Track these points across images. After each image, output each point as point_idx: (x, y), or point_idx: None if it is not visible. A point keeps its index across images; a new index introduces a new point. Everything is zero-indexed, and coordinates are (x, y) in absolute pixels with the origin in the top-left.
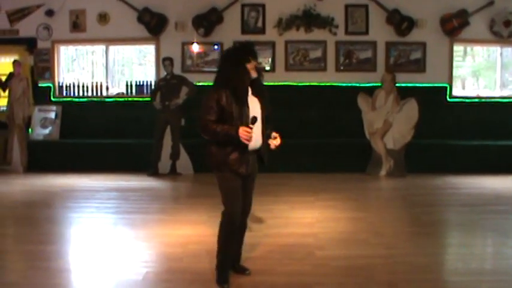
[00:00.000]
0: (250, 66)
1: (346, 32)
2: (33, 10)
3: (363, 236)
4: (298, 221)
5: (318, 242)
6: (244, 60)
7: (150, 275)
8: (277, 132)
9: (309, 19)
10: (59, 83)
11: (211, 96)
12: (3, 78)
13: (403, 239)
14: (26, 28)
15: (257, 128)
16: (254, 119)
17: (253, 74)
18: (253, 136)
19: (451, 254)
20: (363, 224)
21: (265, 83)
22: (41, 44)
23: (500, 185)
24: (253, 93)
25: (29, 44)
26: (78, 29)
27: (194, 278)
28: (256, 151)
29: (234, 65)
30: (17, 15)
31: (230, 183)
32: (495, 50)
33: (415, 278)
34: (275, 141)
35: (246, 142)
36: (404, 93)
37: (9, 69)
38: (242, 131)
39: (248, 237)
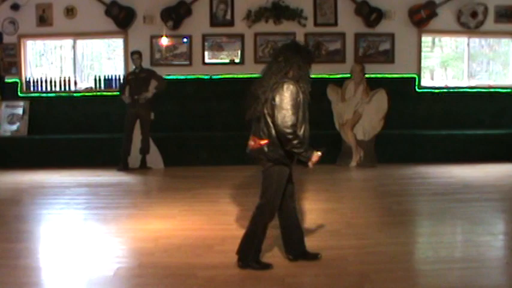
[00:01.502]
0: None
1: (315, 24)
2: None
3: (335, 227)
4: None
5: None
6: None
7: (121, 271)
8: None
9: (278, 11)
10: (26, 78)
11: (296, 91)
12: None
13: (375, 229)
14: None
15: None
16: (324, 149)
17: None
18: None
19: (421, 242)
20: (335, 215)
21: (234, 76)
22: (7, 39)
23: (468, 174)
24: None
25: None
26: (45, 23)
27: (165, 273)
28: None
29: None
30: None
31: (283, 179)
32: (463, 41)
33: (386, 267)
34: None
35: (310, 166)
36: (373, 84)
37: None
38: (316, 156)
39: (219, 231)
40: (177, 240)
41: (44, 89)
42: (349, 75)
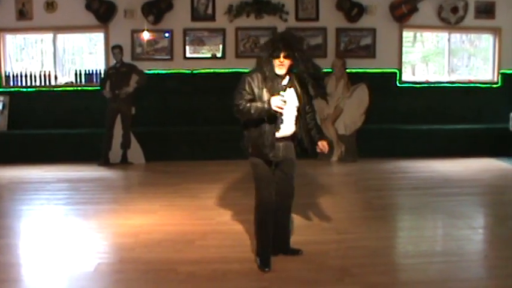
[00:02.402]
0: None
1: (297, 19)
2: None
3: (316, 222)
4: (251, 208)
5: None
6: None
7: (102, 266)
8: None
9: (260, 5)
10: (5, 72)
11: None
12: None
13: (356, 223)
14: None
15: (287, 115)
16: (285, 88)
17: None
18: (284, 120)
19: (402, 237)
20: (315, 209)
21: (215, 71)
22: None
23: (449, 168)
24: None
25: None
26: (24, 17)
27: (146, 268)
28: (289, 139)
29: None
30: None
31: (259, 169)
32: (444, 36)
33: (367, 261)
34: (323, 149)
35: (279, 110)
36: (354, 79)
37: None
38: (274, 100)
39: (200, 226)
40: (157, 235)
41: (24, 84)
42: (330, 70)
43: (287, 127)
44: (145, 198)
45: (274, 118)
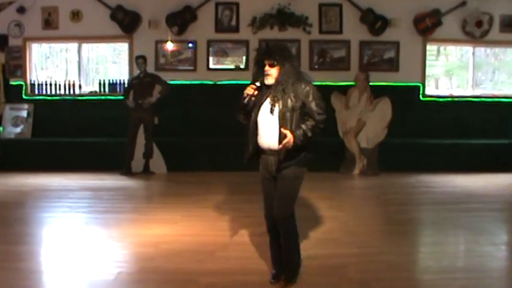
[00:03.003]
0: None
1: (320, 31)
2: (4, 7)
3: (336, 235)
4: None
5: None
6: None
7: (122, 275)
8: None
9: (283, 18)
10: (31, 80)
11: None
12: None
13: (376, 237)
14: None
15: (269, 127)
16: (258, 78)
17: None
18: (264, 133)
19: (423, 252)
20: (336, 223)
21: (238, 82)
22: (13, 42)
23: (471, 184)
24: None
25: (0, 41)
26: (50, 27)
27: (166, 278)
28: (278, 152)
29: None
30: None
31: (260, 181)
32: (468, 50)
33: (387, 276)
34: (284, 140)
35: (245, 95)
36: (377, 92)
37: None
38: (247, 89)
39: (221, 236)
40: (178, 245)
41: (48, 92)
42: (353, 83)
43: (269, 139)
44: (166, 208)
45: (255, 125)
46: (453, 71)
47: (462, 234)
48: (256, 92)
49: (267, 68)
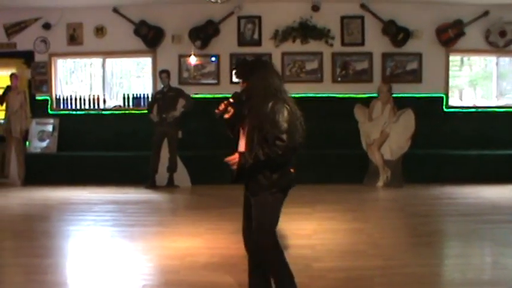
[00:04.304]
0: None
1: (343, 43)
2: (30, 23)
3: (361, 248)
4: (296, 233)
5: (315, 253)
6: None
7: None
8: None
9: (305, 31)
10: (56, 95)
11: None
12: (1, 92)
13: (401, 249)
14: (24, 41)
15: (240, 145)
16: (234, 94)
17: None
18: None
19: (448, 264)
20: (361, 235)
21: None
22: (38, 57)
23: (497, 195)
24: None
25: (27, 57)
26: (75, 42)
27: None
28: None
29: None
30: (15, 28)
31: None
32: (492, 60)
33: None
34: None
35: (216, 111)
36: (400, 104)
37: (7, 82)
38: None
39: (244, 250)
40: (203, 258)
41: (73, 107)
42: (376, 95)
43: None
44: (191, 221)
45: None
46: (477, 82)
47: (487, 246)
48: (229, 108)
49: (241, 83)
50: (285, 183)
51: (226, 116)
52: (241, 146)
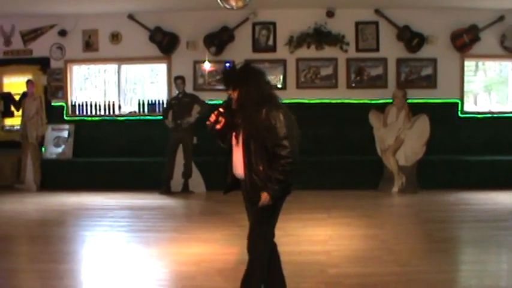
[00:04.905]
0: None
1: (357, 49)
2: (46, 30)
3: (376, 254)
4: (311, 239)
5: (330, 259)
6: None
7: None
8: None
9: (320, 36)
10: (71, 102)
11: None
12: (17, 98)
13: (416, 256)
14: (40, 48)
15: (235, 155)
16: (224, 103)
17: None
18: (234, 161)
19: (465, 270)
20: (376, 241)
21: None
22: (54, 64)
23: None
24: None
25: (43, 63)
26: (90, 49)
27: None
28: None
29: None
30: (31, 35)
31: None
32: (507, 65)
33: None
34: (260, 202)
35: (207, 123)
36: (415, 110)
37: (23, 88)
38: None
39: None
40: (219, 264)
41: (88, 113)
42: (391, 101)
43: (236, 166)
44: (206, 227)
45: (229, 151)
46: (492, 87)
47: (504, 252)
48: (221, 118)
49: (230, 91)
50: (287, 189)
51: (218, 126)
52: (237, 156)
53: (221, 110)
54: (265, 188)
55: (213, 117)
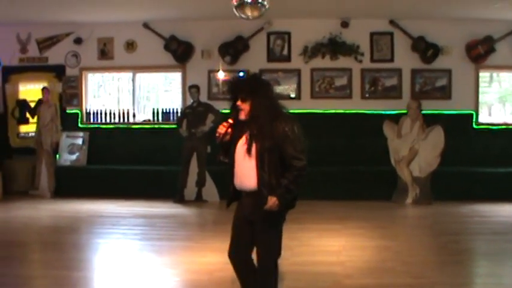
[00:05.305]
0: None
1: (372, 60)
2: (62, 38)
3: (390, 265)
4: (325, 249)
5: (345, 270)
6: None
7: None
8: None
9: (335, 47)
10: (86, 109)
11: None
12: (33, 105)
13: (431, 268)
14: (55, 56)
15: (242, 166)
16: (232, 114)
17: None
18: (238, 173)
19: (479, 283)
20: (390, 252)
21: (290, 111)
22: (70, 71)
23: None
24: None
25: (58, 71)
26: (105, 57)
27: None
28: (254, 195)
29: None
30: (47, 43)
31: (234, 218)
32: None
33: None
34: (267, 205)
35: (217, 135)
36: (430, 121)
37: (39, 95)
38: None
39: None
40: (231, 273)
41: (103, 121)
42: (405, 112)
43: (242, 180)
44: (219, 236)
45: (232, 165)
46: (507, 98)
47: None
48: (230, 130)
49: (239, 102)
50: (291, 203)
51: (228, 137)
52: (243, 168)
53: (230, 121)
54: (274, 193)
55: (223, 129)
